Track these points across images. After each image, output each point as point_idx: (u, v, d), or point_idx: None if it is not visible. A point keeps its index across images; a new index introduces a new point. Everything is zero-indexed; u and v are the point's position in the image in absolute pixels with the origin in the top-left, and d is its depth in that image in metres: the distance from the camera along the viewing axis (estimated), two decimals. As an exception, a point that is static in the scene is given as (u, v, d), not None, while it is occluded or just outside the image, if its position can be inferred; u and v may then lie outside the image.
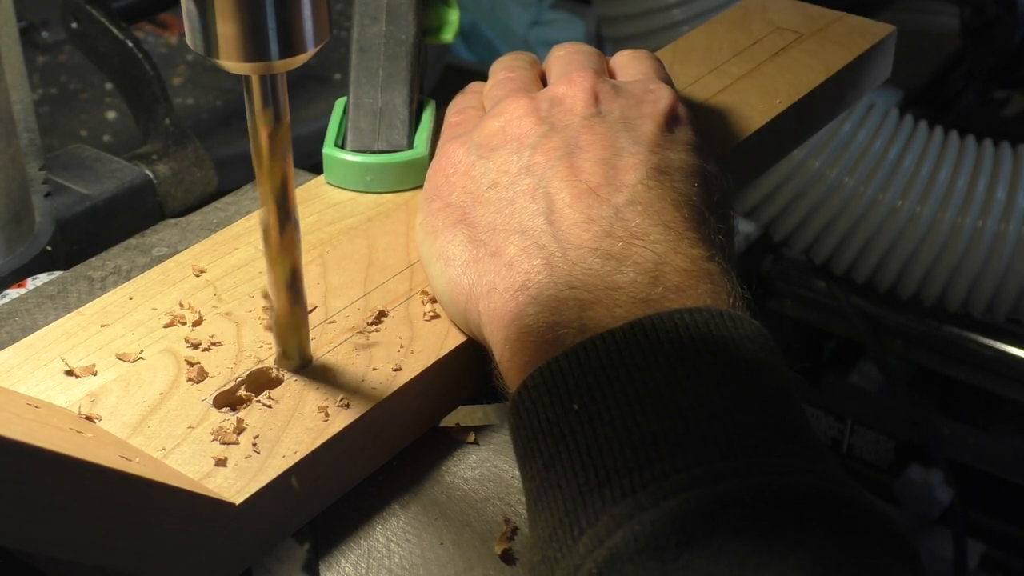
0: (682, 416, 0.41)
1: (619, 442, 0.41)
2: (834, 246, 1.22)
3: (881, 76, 0.77)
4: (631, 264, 0.47)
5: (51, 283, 0.60)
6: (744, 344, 0.44)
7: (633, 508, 0.39)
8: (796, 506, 0.39)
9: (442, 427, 0.53)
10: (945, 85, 1.49)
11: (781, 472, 0.40)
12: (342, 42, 1.18)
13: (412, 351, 0.51)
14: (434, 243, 0.53)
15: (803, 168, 1.18)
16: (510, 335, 0.47)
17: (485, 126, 0.56)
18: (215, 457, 0.45)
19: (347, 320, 0.52)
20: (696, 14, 1.14)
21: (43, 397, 0.49)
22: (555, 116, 0.55)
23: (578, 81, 0.56)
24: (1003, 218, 1.15)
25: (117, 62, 0.77)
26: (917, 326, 1.28)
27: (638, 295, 0.46)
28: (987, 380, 1.26)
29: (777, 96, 0.69)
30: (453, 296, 0.52)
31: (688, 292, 0.47)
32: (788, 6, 0.78)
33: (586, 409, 0.43)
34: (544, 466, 0.43)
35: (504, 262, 0.50)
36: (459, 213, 0.53)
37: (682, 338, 0.44)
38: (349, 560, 0.47)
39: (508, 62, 0.63)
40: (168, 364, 0.50)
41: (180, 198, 0.74)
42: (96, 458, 0.38)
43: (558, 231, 0.49)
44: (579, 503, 0.41)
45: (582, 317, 0.46)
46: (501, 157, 0.54)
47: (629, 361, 0.43)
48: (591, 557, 0.39)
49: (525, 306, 0.47)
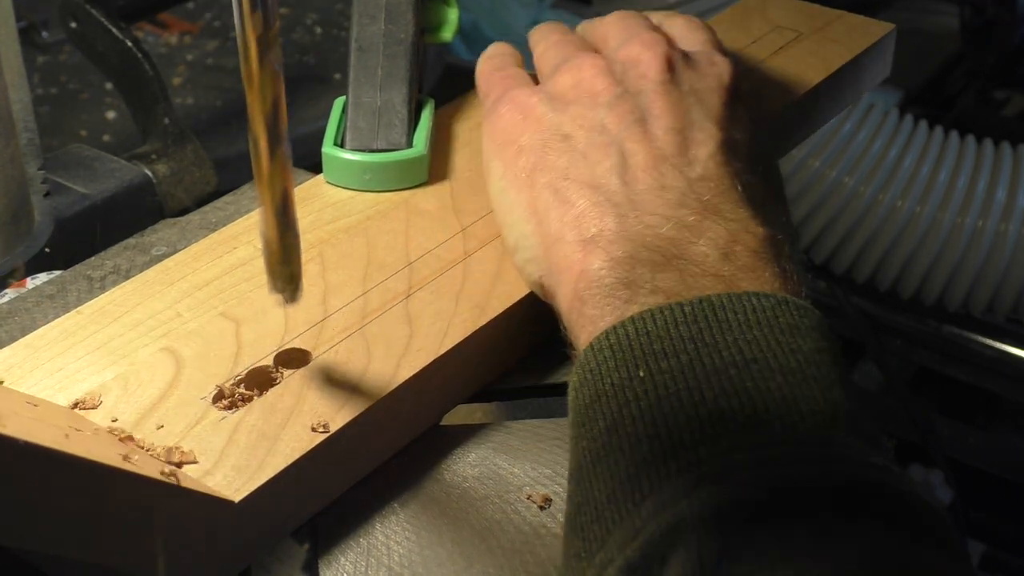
0: (748, 396, 0.42)
1: (685, 414, 0.42)
2: (834, 246, 1.22)
3: (880, 75, 0.77)
4: (704, 238, 0.48)
5: (50, 282, 0.60)
6: (809, 333, 0.45)
7: (699, 480, 0.39)
8: (857, 497, 0.39)
9: (442, 425, 0.53)
10: (945, 85, 1.49)
11: (844, 463, 0.40)
12: (341, 41, 1.18)
13: (411, 349, 0.51)
14: (519, 193, 0.54)
15: (803, 168, 1.18)
16: (579, 288, 0.48)
17: (558, 80, 0.56)
18: (214, 455, 0.45)
19: (346, 318, 0.52)
20: (696, 14, 1.14)
21: (42, 396, 0.49)
22: (629, 79, 0.55)
23: (652, 45, 0.56)
24: (1003, 218, 1.15)
25: (116, 62, 0.77)
26: (917, 326, 1.28)
27: (710, 269, 0.47)
28: (987, 380, 1.26)
29: (776, 96, 0.68)
30: (529, 244, 0.52)
31: (757, 273, 0.47)
32: (788, 5, 0.78)
33: (652, 377, 0.43)
34: (607, 429, 0.43)
35: (575, 213, 0.50)
36: (533, 159, 0.54)
37: (750, 321, 0.44)
38: (348, 558, 0.47)
39: (552, 27, 0.63)
40: (167, 363, 0.50)
41: (179, 198, 0.74)
42: (94, 456, 0.38)
43: (632, 192, 0.50)
44: (642, 470, 0.41)
45: (655, 279, 0.47)
46: (575, 111, 0.55)
47: (697, 336, 0.44)
48: (654, 520, 0.39)
49: (595, 258, 0.48)
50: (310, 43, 1.18)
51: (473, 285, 0.55)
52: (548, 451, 0.51)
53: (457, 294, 0.54)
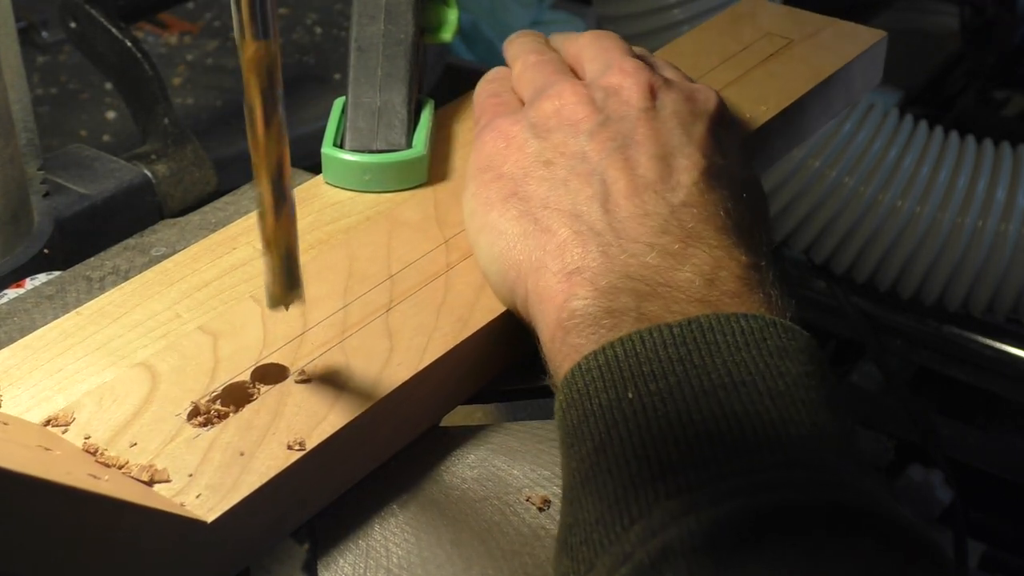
0: (737, 420, 0.42)
1: (674, 437, 0.42)
2: (834, 246, 1.22)
3: (872, 82, 0.76)
4: (689, 264, 0.48)
5: (49, 283, 0.60)
6: (797, 356, 0.45)
7: (689, 505, 0.39)
8: (846, 521, 0.39)
9: (441, 426, 0.53)
10: (945, 85, 1.49)
11: (832, 487, 0.40)
12: (341, 41, 1.18)
13: (391, 364, 0.50)
14: (486, 215, 0.53)
15: (803, 168, 1.18)
16: (563, 317, 0.48)
17: (539, 107, 0.56)
18: (188, 474, 0.44)
19: (325, 332, 0.51)
20: (696, 14, 1.14)
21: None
22: (611, 106, 0.55)
23: (633, 73, 0.56)
24: (1003, 218, 1.14)
25: (116, 62, 0.77)
26: (917, 326, 1.28)
27: (695, 295, 0.47)
28: (987, 380, 1.26)
29: (765, 103, 0.68)
30: (501, 269, 0.52)
31: (743, 298, 0.47)
32: (778, 11, 0.77)
33: (640, 399, 0.43)
34: (595, 449, 0.43)
35: (556, 242, 0.50)
36: (512, 186, 0.53)
37: (739, 343, 0.44)
38: (347, 560, 0.47)
39: (529, 44, 0.63)
40: (142, 378, 0.49)
41: (179, 198, 0.74)
42: (63, 477, 0.38)
43: (614, 220, 0.50)
44: (630, 492, 0.41)
45: (640, 307, 0.46)
46: (557, 138, 0.54)
47: (686, 357, 0.44)
48: (643, 548, 0.39)
49: (580, 289, 0.48)
50: (310, 43, 1.18)
51: (455, 298, 0.54)
52: (547, 452, 0.51)
53: (439, 307, 0.53)
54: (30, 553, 0.37)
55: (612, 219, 0.50)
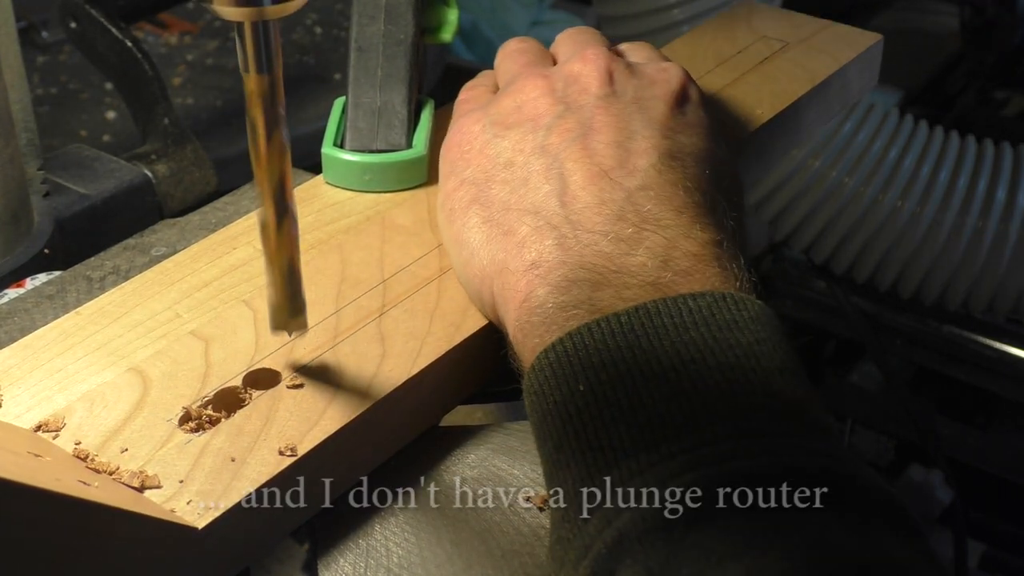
0: (687, 398, 0.42)
1: (625, 423, 0.42)
2: (834, 246, 1.22)
3: (868, 85, 0.76)
4: (642, 248, 0.48)
5: (50, 283, 0.60)
6: (748, 326, 0.45)
7: (640, 488, 0.39)
8: (801, 485, 0.39)
9: (441, 426, 0.53)
10: (945, 85, 1.49)
11: (785, 452, 0.40)
12: (341, 42, 1.18)
13: (383, 370, 0.50)
14: (451, 226, 0.54)
15: (803, 168, 1.18)
16: (521, 315, 0.48)
17: (500, 103, 0.56)
18: (179, 480, 0.44)
19: (317, 337, 0.51)
20: (696, 14, 1.14)
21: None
22: (570, 95, 0.55)
23: (592, 59, 0.56)
24: (1003, 218, 1.14)
25: (116, 62, 0.77)
26: (917, 326, 1.28)
27: (648, 278, 0.47)
28: (987, 380, 1.25)
29: (760, 106, 0.68)
30: (469, 277, 0.52)
31: (696, 276, 0.47)
32: (774, 14, 0.77)
33: (591, 390, 0.43)
34: (555, 448, 0.43)
35: (516, 241, 0.50)
36: (474, 191, 0.53)
37: (686, 322, 0.44)
38: (348, 559, 0.47)
39: (517, 42, 0.63)
40: (134, 383, 0.49)
41: (179, 198, 0.74)
42: (52, 484, 0.37)
43: (570, 212, 0.50)
44: (587, 484, 0.41)
45: (592, 298, 0.46)
46: (516, 136, 0.54)
47: (635, 344, 0.44)
48: (600, 537, 0.39)
49: (536, 286, 0.48)
50: (310, 43, 1.18)
51: (448, 303, 0.54)
52: (547, 452, 0.51)
53: (432, 312, 0.53)
54: (20, 559, 0.37)
55: (569, 211, 0.50)
